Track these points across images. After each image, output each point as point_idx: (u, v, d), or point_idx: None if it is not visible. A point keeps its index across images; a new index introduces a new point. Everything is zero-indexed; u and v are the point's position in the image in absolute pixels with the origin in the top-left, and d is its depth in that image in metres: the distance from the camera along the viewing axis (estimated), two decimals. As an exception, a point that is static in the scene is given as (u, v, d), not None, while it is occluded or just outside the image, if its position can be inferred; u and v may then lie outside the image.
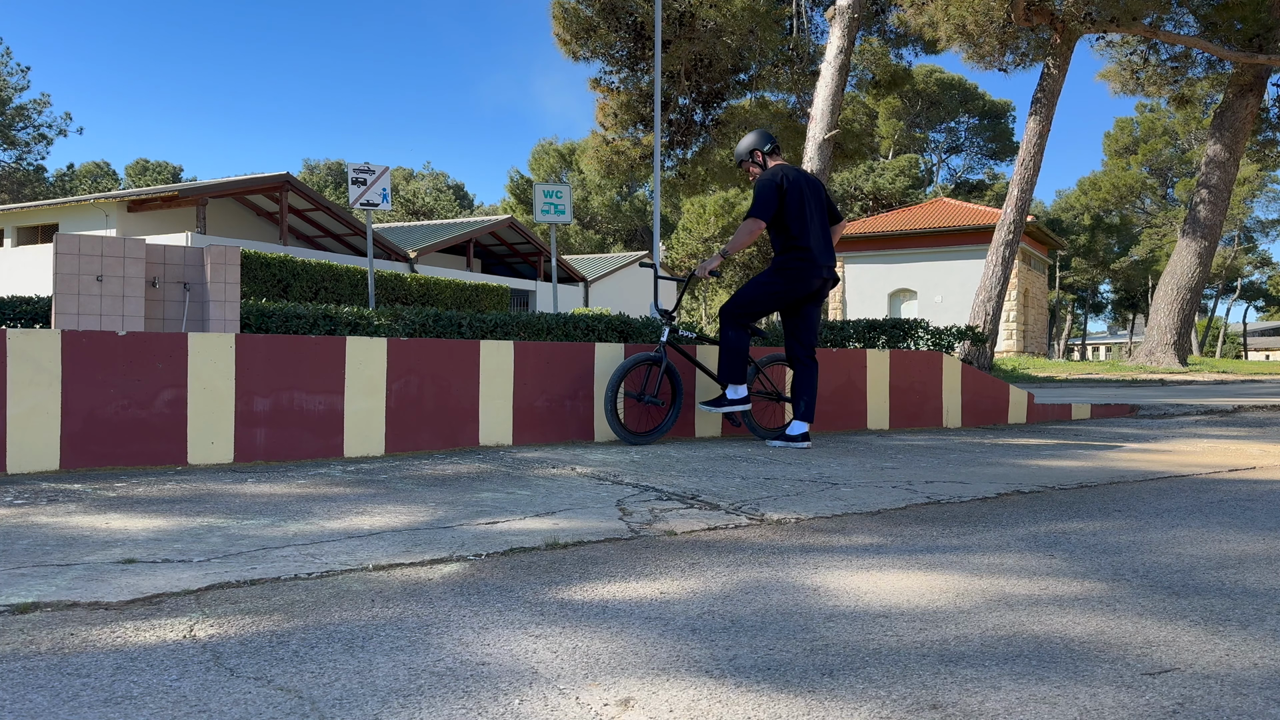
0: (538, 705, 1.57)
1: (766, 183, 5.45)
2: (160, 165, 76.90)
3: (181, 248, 6.12)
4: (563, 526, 3.08)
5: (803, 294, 5.54)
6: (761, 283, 5.54)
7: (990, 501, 3.76)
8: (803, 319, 5.65)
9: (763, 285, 5.53)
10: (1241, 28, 22.90)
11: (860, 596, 2.29)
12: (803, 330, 5.65)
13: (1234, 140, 25.03)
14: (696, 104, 22.90)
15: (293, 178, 26.52)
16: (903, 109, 54.72)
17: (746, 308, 5.50)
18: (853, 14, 17.53)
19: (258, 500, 3.51)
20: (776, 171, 5.51)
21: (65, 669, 1.70)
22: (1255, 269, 70.01)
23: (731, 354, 5.50)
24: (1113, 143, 57.46)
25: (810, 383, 5.64)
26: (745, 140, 5.75)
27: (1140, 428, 7.62)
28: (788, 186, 5.47)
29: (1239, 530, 3.19)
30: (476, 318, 6.82)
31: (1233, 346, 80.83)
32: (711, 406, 5.59)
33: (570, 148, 53.61)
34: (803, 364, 5.65)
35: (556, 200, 11.03)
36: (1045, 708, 1.57)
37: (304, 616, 2.05)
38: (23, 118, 50.58)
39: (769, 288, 5.51)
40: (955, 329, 9.22)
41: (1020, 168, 19.59)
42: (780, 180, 5.47)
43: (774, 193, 5.42)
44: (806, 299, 5.59)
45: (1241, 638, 1.98)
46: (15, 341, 4.10)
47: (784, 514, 3.38)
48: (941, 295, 35.01)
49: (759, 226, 5.39)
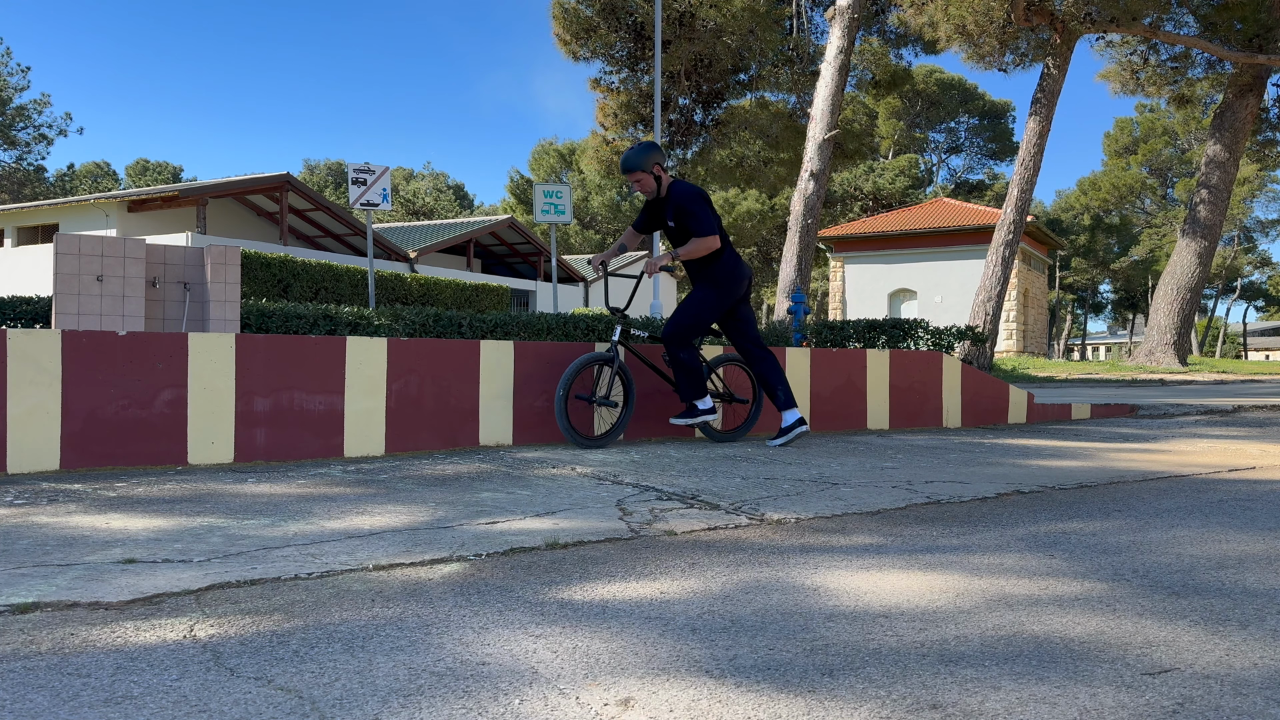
0: (538, 705, 1.57)
1: (702, 197, 5.49)
2: (160, 165, 76.90)
3: (182, 248, 6.12)
4: (563, 526, 3.08)
5: (736, 298, 5.63)
6: (698, 300, 5.52)
7: (990, 501, 3.76)
8: (741, 320, 5.73)
9: (700, 303, 5.52)
10: (1241, 28, 22.90)
11: (860, 596, 2.29)
12: (745, 327, 5.73)
13: (1234, 140, 25.04)
14: (696, 104, 22.91)
15: (293, 178, 26.52)
16: (903, 109, 54.72)
17: (690, 330, 5.49)
18: (853, 14, 17.53)
19: (258, 500, 3.51)
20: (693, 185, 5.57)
21: (65, 669, 1.70)
22: (1255, 269, 70.03)
23: (689, 373, 5.52)
24: (1113, 143, 57.47)
25: (776, 370, 5.71)
26: (641, 150, 5.49)
27: (1140, 428, 7.62)
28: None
29: (1239, 530, 3.19)
30: (476, 318, 6.82)
31: (1232, 346, 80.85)
32: (684, 419, 5.63)
33: (570, 148, 53.61)
34: (759, 358, 5.72)
35: (556, 200, 11.04)
36: (1045, 708, 1.58)
37: (304, 616, 2.05)
38: (23, 118, 50.58)
39: (706, 303, 5.52)
40: (955, 329, 9.23)
41: (1020, 168, 19.59)
42: (705, 194, 5.57)
43: (709, 204, 5.51)
44: (739, 301, 5.70)
45: (1241, 638, 1.98)
46: (15, 341, 4.10)
47: (784, 514, 3.38)
48: (941, 295, 35.01)
49: (716, 242, 5.44)
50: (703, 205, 5.45)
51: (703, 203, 5.47)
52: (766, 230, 45.91)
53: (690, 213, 5.42)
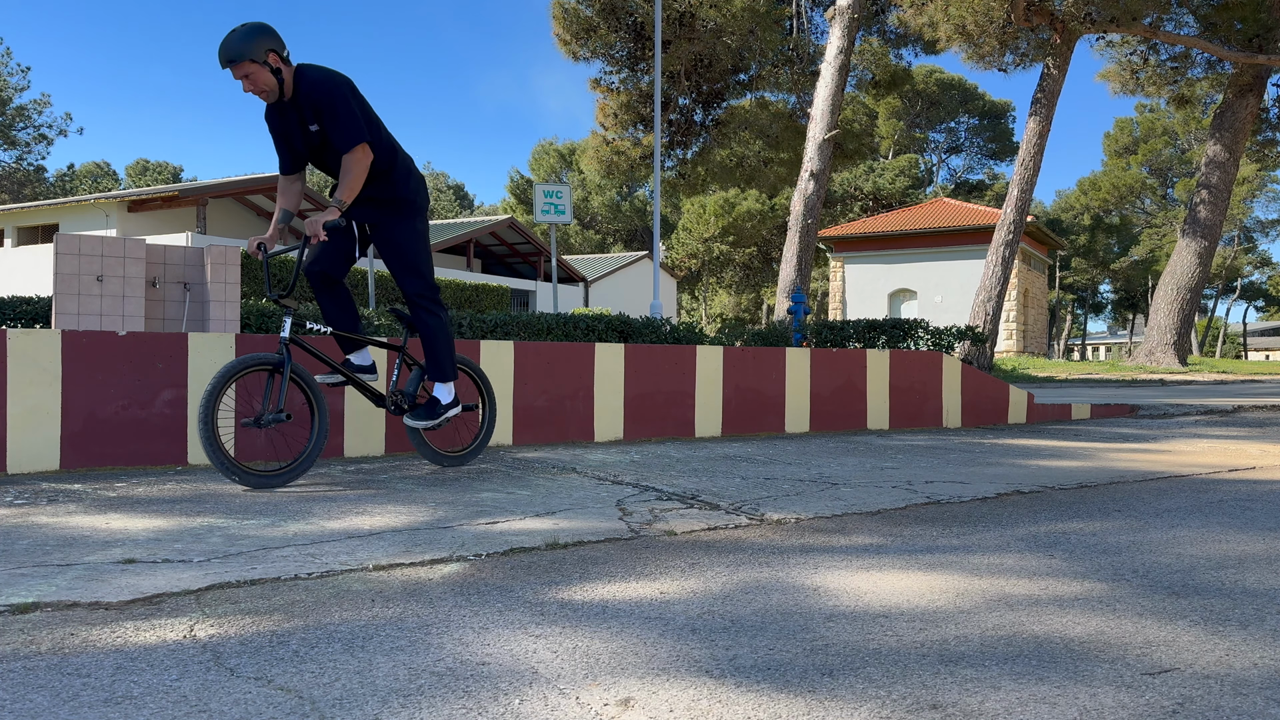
0: (538, 705, 1.57)
1: (346, 85, 3.84)
2: (160, 165, 76.87)
3: (182, 248, 6.12)
4: (563, 526, 3.08)
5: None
6: (419, 231, 4.11)
7: (990, 501, 3.76)
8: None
9: (422, 233, 4.13)
10: (1241, 28, 22.90)
11: (860, 596, 2.29)
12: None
13: (1234, 140, 25.04)
14: (696, 104, 22.91)
15: (293, 178, 26.45)
16: (903, 109, 54.71)
17: (432, 269, 4.14)
18: (853, 14, 17.53)
19: (258, 500, 3.51)
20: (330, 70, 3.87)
21: (65, 669, 1.70)
22: (1255, 269, 69.99)
23: (449, 343, 4.21)
24: (1113, 143, 57.45)
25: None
26: (247, 33, 3.67)
27: (1140, 428, 7.62)
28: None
29: (1239, 530, 3.19)
30: (476, 318, 6.82)
31: (1232, 346, 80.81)
32: (425, 419, 4.20)
33: (570, 148, 53.63)
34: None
35: (556, 200, 11.04)
36: (1045, 708, 1.58)
37: (304, 616, 2.05)
38: (23, 118, 50.57)
39: (423, 234, 4.15)
40: (955, 329, 9.22)
41: (1020, 168, 19.58)
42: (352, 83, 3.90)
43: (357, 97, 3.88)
44: None
45: (1241, 638, 1.98)
46: (15, 341, 4.10)
47: (784, 514, 3.38)
48: (941, 295, 35.00)
49: (368, 154, 3.83)
50: (347, 98, 3.78)
51: (347, 93, 3.80)
52: (766, 230, 45.91)
53: (332, 111, 3.76)
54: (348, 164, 3.78)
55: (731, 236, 45.64)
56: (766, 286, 50.24)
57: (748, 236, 46.17)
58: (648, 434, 5.95)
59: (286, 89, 3.81)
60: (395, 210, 4.04)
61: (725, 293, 54.73)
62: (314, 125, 3.83)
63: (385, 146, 3.97)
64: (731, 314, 54.68)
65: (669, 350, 6.14)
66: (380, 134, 3.96)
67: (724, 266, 48.17)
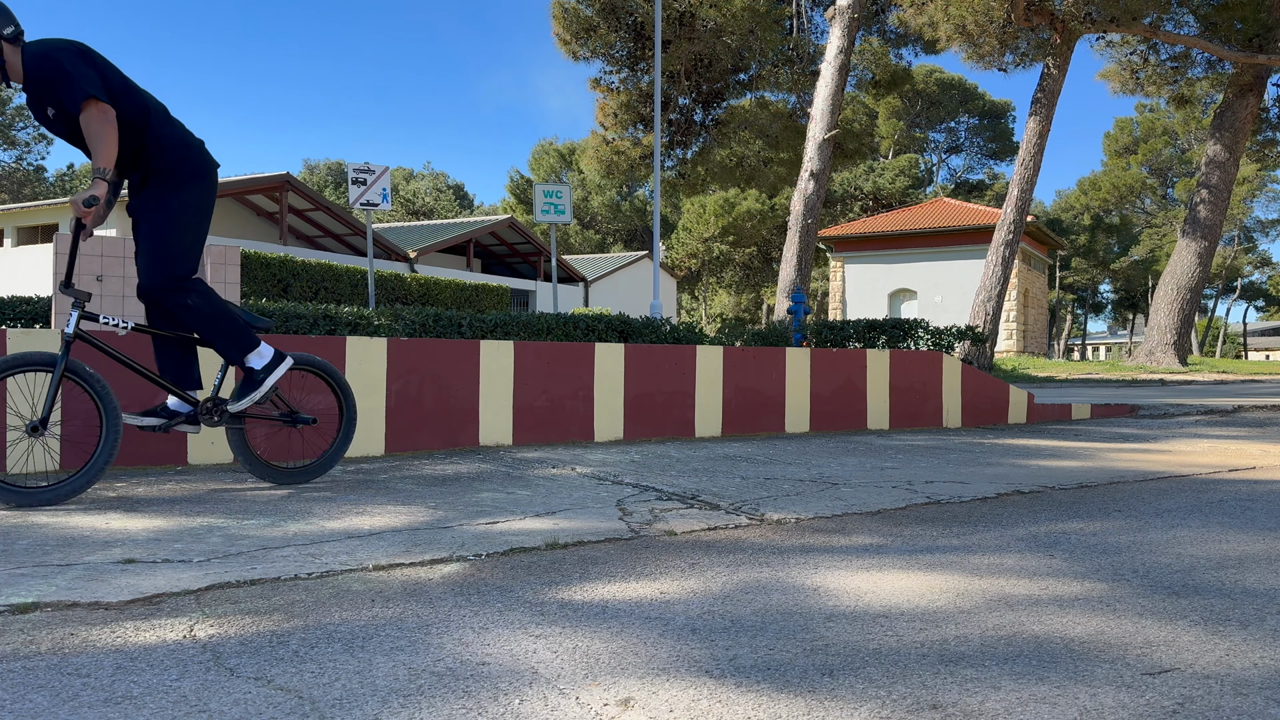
0: (538, 705, 1.57)
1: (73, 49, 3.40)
2: (160, 165, 76.67)
3: (181, 248, 6.11)
4: (563, 526, 3.08)
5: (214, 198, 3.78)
6: (192, 204, 3.58)
7: (990, 501, 3.76)
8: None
9: (196, 208, 3.59)
10: (1241, 28, 22.90)
11: (860, 596, 2.29)
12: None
13: (1234, 140, 25.03)
14: (696, 104, 22.91)
15: (293, 178, 26.50)
16: (903, 109, 54.71)
17: (197, 252, 3.59)
18: (853, 14, 17.53)
19: (257, 500, 3.51)
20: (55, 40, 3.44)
21: (65, 669, 1.70)
22: (1255, 269, 69.98)
23: (223, 317, 3.61)
24: (1113, 143, 57.45)
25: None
26: None
27: (1140, 428, 7.62)
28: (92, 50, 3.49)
29: (1239, 530, 3.19)
30: (476, 318, 6.82)
31: (1233, 346, 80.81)
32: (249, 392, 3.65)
33: (570, 148, 53.62)
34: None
35: (556, 200, 11.03)
36: (1045, 708, 1.57)
37: (304, 616, 2.05)
38: (23, 118, 50.58)
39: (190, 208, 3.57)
40: (955, 329, 9.22)
41: (1020, 168, 19.58)
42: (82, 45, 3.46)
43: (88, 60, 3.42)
44: None
45: (1241, 638, 1.98)
46: (15, 342, 4.10)
47: (784, 514, 3.38)
48: (941, 295, 35.00)
49: (105, 111, 3.32)
50: (71, 58, 3.34)
51: (73, 54, 3.36)
52: (766, 230, 45.91)
53: (55, 78, 3.32)
54: (86, 126, 3.29)
55: (731, 236, 45.64)
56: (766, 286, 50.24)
57: (748, 236, 46.18)
58: (648, 434, 5.95)
59: (14, 73, 3.35)
60: (161, 181, 3.51)
61: (725, 293, 54.72)
62: (51, 109, 3.38)
63: (138, 107, 3.50)
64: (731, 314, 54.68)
65: (669, 350, 6.14)
66: (134, 98, 3.51)
67: (724, 266, 48.16)
